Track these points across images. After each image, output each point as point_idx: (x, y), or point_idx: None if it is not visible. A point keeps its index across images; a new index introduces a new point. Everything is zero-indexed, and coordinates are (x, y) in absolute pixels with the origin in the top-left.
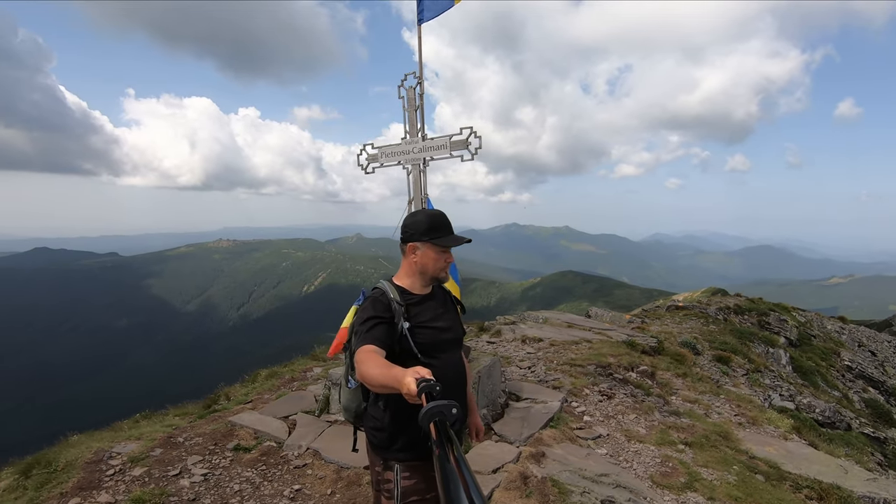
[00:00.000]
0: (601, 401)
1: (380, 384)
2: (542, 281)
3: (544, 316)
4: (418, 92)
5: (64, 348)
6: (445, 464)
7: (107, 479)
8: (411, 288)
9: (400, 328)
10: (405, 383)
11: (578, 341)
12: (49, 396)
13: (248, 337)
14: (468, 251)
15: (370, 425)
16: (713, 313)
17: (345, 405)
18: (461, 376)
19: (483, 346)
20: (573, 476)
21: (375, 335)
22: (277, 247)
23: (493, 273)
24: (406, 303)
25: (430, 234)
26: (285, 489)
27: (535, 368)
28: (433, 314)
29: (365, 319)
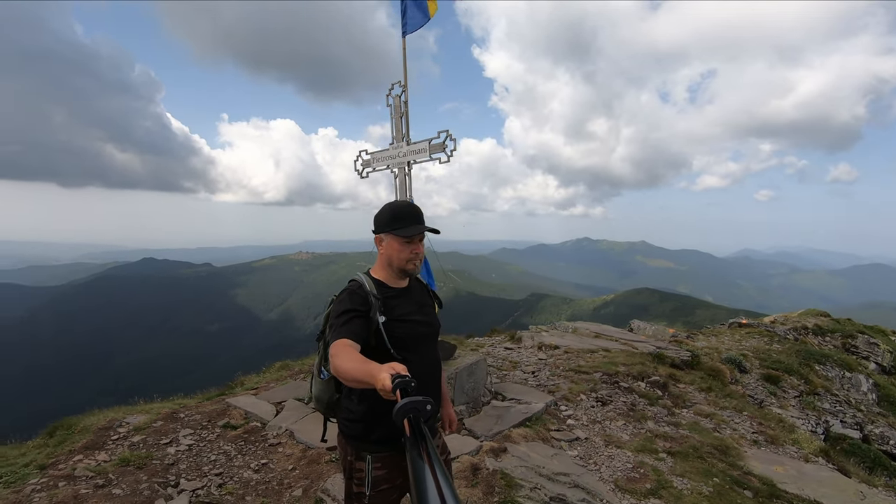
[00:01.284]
0: (593, 406)
1: (354, 379)
2: (616, 298)
3: (573, 326)
4: (403, 100)
5: (165, 347)
6: (418, 461)
7: (110, 442)
8: (387, 281)
9: (375, 322)
10: (380, 379)
11: (596, 350)
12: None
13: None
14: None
15: (344, 417)
16: (782, 332)
17: (316, 395)
18: (436, 371)
19: (500, 351)
20: (529, 472)
21: (351, 328)
22: (352, 259)
23: (563, 289)
24: (383, 296)
25: (391, 224)
26: (253, 462)
27: (539, 374)
28: (410, 308)
29: (341, 312)
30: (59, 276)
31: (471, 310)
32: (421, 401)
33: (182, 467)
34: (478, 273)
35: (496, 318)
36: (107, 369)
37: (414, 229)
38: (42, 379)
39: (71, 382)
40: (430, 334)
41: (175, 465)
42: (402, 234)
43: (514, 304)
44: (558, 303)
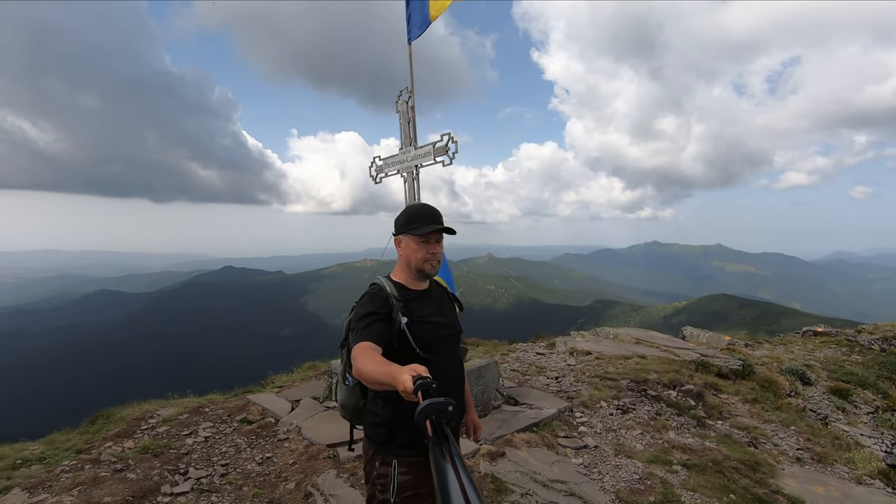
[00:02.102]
0: (612, 414)
1: (376, 381)
2: (689, 305)
3: (615, 332)
4: (410, 105)
5: (243, 350)
6: (441, 461)
7: (139, 431)
8: (407, 283)
9: (398, 324)
10: (402, 381)
11: (630, 356)
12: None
13: None
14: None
15: (369, 421)
16: (866, 342)
17: (342, 402)
18: (458, 373)
19: (530, 356)
20: (523, 478)
21: (372, 332)
22: None
23: (631, 295)
24: (404, 298)
25: (408, 224)
26: (259, 455)
27: (563, 379)
28: (431, 310)
29: (362, 316)
30: (152, 283)
31: (533, 317)
32: (443, 402)
33: (194, 457)
34: (540, 279)
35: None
36: (193, 369)
37: (428, 228)
38: (134, 376)
39: (160, 379)
40: (451, 336)
41: (189, 454)
42: (416, 232)
43: (578, 310)
44: (626, 310)
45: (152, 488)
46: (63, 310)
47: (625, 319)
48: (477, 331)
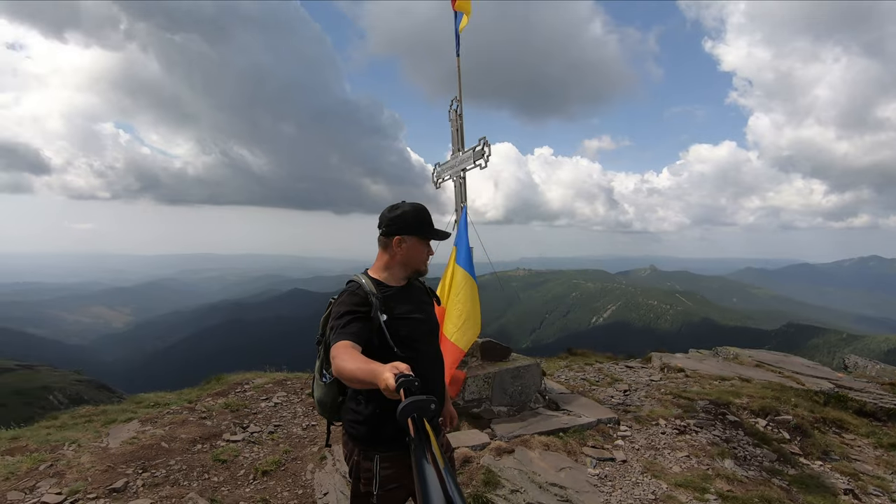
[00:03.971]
0: (664, 433)
1: (357, 380)
2: None
3: (737, 352)
4: (458, 113)
5: None
6: (422, 462)
7: (232, 393)
8: (388, 280)
9: (377, 321)
10: (383, 378)
11: (730, 377)
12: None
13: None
14: (798, 291)
15: (349, 418)
16: None
17: (319, 399)
18: (439, 368)
19: (615, 368)
20: (520, 476)
21: (351, 330)
22: (568, 277)
23: (840, 321)
24: (383, 295)
25: (418, 227)
26: (307, 422)
27: (633, 393)
28: (411, 306)
29: (341, 314)
30: (333, 284)
31: (704, 339)
32: (425, 399)
33: (259, 416)
34: (714, 296)
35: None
36: None
37: (440, 233)
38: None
39: None
40: (430, 332)
41: (256, 414)
42: (430, 237)
43: (762, 335)
44: (832, 340)
45: (217, 434)
46: (268, 304)
47: (829, 351)
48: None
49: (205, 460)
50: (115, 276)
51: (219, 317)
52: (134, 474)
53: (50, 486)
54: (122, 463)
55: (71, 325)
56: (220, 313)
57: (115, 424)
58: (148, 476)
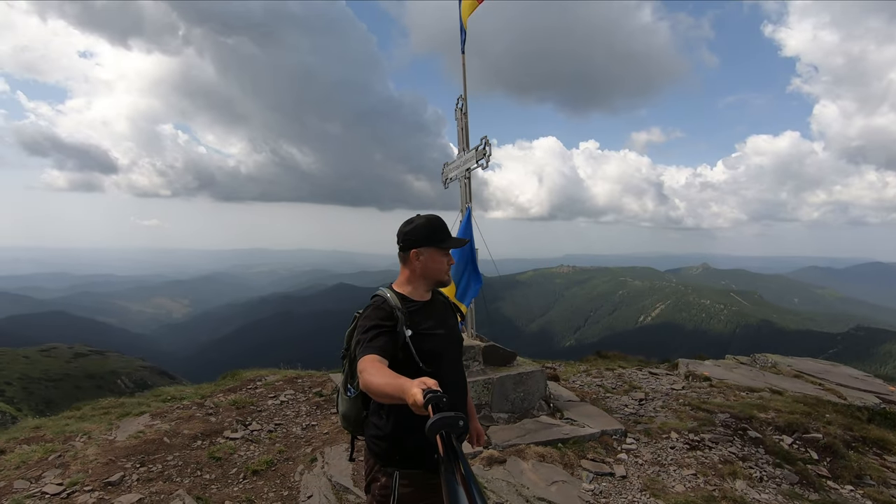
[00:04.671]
0: (674, 447)
1: (385, 394)
2: None
3: (776, 360)
4: (463, 111)
5: None
6: (451, 479)
7: (243, 389)
8: (412, 295)
9: (402, 336)
10: (412, 394)
11: (760, 389)
12: None
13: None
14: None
15: (371, 433)
16: None
17: (344, 414)
18: (462, 383)
19: (638, 375)
20: (507, 488)
21: (378, 344)
22: (615, 274)
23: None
24: (408, 310)
25: (432, 238)
26: (307, 422)
27: (649, 403)
28: (435, 321)
29: (368, 328)
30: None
31: (762, 341)
32: (453, 416)
33: (263, 414)
34: (773, 296)
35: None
36: None
37: (455, 241)
38: None
39: None
40: (454, 347)
41: (261, 412)
42: (445, 245)
43: (827, 338)
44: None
45: (219, 431)
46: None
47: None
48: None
49: (201, 457)
50: (176, 270)
51: (269, 310)
52: (132, 468)
53: (54, 476)
54: (124, 456)
55: (136, 314)
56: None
57: (129, 418)
58: (144, 471)
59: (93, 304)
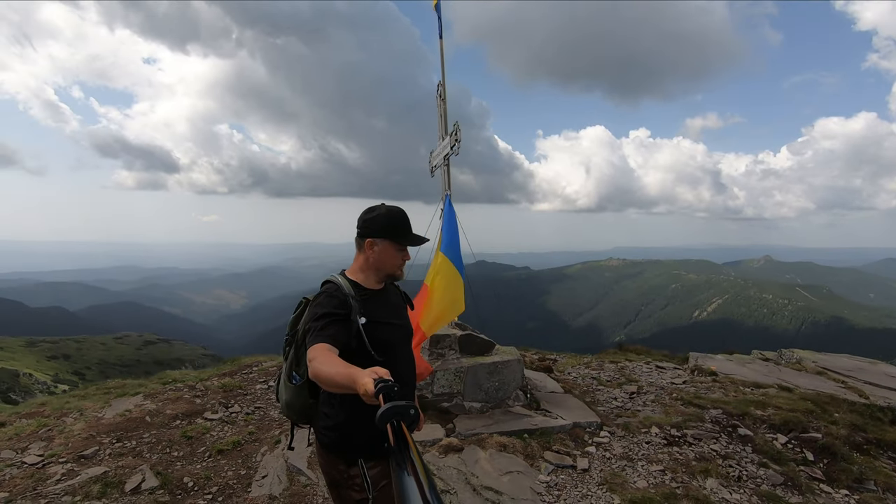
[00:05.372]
0: (649, 442)
1: (336, 384)
2: None
3: (800, 355)
4: (441, 98)
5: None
6: (401, 472)
7: (239, 374)
8: (365, 283)
9: (355, 324)
10: (363, 384)
11: (767, 385)
12: None
13: None
14: None
15: (322, 424)
16: None
17: (287, 402)
18: (413, 373)
19: (641, 369)
20: (457, 476)
21: (329, 333)
22: (667, 267)
23: None
24: (361, 298)
25: (390, 231)
26: None
27: (639, 397)
28: (388, 311)
29: (319, 316)
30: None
31: (832, 339)
32: (404, 405)
33: (247, 398)
34: (845, 291)
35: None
36: None
37: (416, 240)
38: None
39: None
40: (406, 336)
41: (246, 395)
42: (401, 241)
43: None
44: None
45: (200, 411)
46: None
47: None
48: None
49: (174, 436)
50: (234, 263)
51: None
52: (108, 444)
53: (38, 448)
54: (105, 433)
55: (198, 305)
56: None
57: (124, 397)
58: (119, 446)
59: (160, 295)
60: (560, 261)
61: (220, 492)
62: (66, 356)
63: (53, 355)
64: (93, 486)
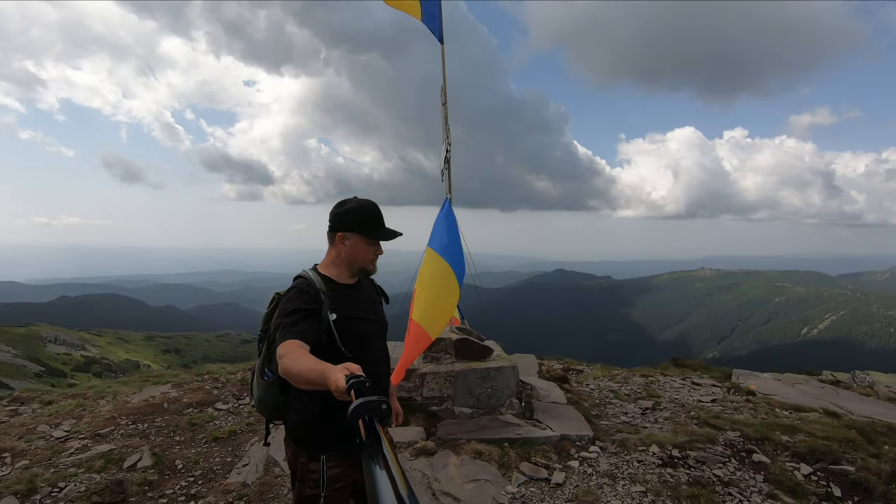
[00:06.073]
0: (641, 461)
1: (306, 380)
2: None
3: (873, 378)
4: (442, 102)
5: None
6: (374, 467)
7: None
8: (337, 278)
9: (325, 320)
10: (334, 380)
11: (810, 409)
12: None
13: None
14: None
15: (292, 419)
16: None
17: (259, 398)
18: (387, 368)
19: (672, 385)
20: (419, 479)
21: (300, 328)
22: (769, 279)
23: None
24: (332, 293)
25: (361, 225)
26: None
27: (653, 413)
28: (360, 306)
29: (290, 311)
30: (499, 281)
31: None
32: (376, 401)
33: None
34: None
35: None
36: None
37: (384, 232)
38: None
39: None
40: (379, 332)
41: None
42: (372, 236)
43: None
44: None
45: (213, 402)
46: None
47: None
48: (846, 367)
49: (181, 422)
50: None
51: (396, 307)
52: (124, 425)
53: (68, 425)
54: (125, 415)
55: None
56: (396, 304)
57: (157, 385)
58: (132, 428)
59: (257, 297)
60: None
61: (203, 475)
62: (177, 350)
63: (167, 349)
64: (97, 460)
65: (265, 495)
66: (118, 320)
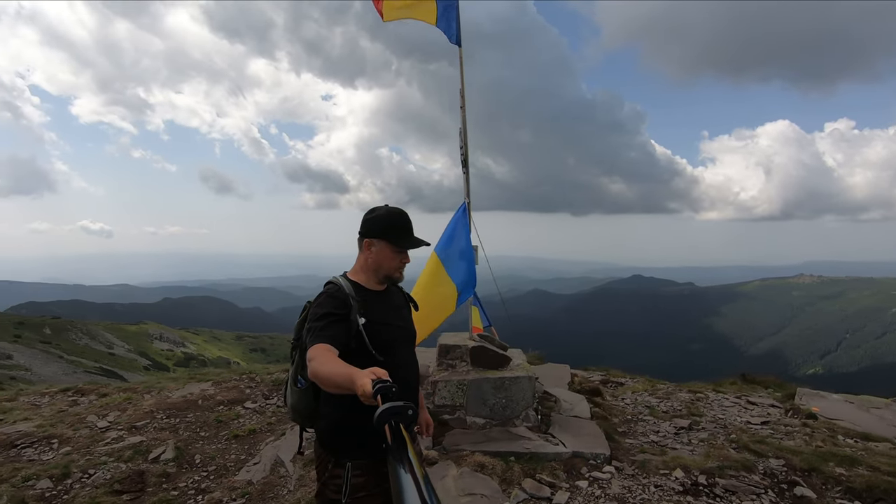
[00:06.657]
0: (659, 486)
1: (334, 384)
2: None
3: None
4: (460, 105)
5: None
6: (399, 470)
7: None
8: (366, 284)
9: (355, 324)
10: (360, 384)
11: (880, 440)
12: None
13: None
14: None
15: (321, 425)
16: None
17: (293, 405)
18: (414, 375)
19: (723, 404)
20: None
21: (330, 333)
22: (883, 286)
23: None
24: (362, 298)
25: (387, 232)
26: None
27: (690, 433)
28: (389, 312)
29: (319, 316)
30: (572, 286)
31: None
32: (402, 406)
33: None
34: None
35: None
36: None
37: (411, 241)
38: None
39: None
40: (407, 338)
41: None
42: (399, 244)
43: None
44: None
45: (243, 400)
46: (511, 303)
47: None
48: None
49: (209, 418)
50: None
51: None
52: (159, 419)
53: (113, 416)
54: (162, 409)
55: None
56: None
57: (198, 382)
58: (166, 422)
59: None
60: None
61: (216, 471)
62: (262, 349)
63: (254, 348)
64: (127, 451)
65: (266, 494)
66: (212, 320)
